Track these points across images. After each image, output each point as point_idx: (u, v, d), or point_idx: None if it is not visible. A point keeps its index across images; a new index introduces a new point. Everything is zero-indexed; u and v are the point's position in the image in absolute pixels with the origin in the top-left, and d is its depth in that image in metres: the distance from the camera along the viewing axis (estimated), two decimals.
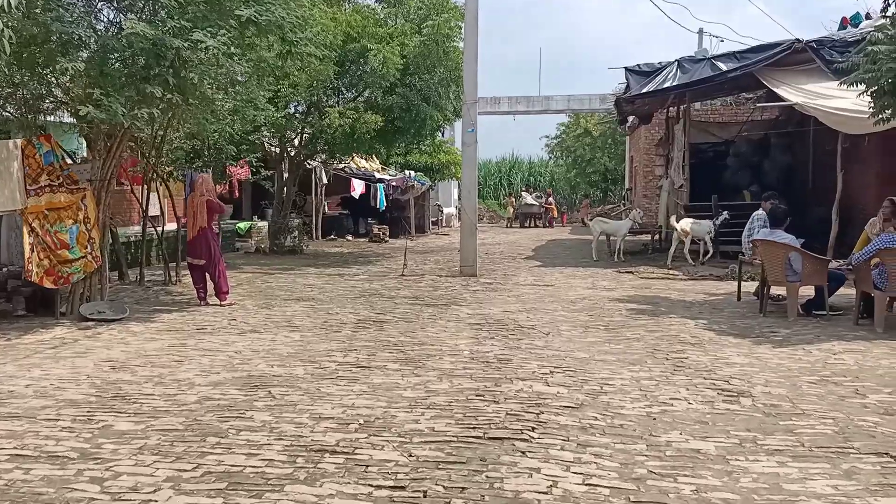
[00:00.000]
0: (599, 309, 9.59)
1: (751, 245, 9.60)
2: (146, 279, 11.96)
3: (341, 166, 22.34)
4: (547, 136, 51.39)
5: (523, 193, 34.24)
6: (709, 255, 14.68)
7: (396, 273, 13.65)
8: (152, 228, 12.92)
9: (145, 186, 12.44)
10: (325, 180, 22.46)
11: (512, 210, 33.76)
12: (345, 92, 17.07)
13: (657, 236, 18.82)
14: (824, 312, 8.57)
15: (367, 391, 5.47)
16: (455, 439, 4.38)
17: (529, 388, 5.55)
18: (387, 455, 4.12)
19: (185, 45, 8.46)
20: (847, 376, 5.92)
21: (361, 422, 4.72)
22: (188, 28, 8.61)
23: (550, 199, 33.92)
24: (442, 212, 30.60)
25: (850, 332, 7.73)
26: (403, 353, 6.76)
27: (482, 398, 5.25)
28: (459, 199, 19.17)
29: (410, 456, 4.11)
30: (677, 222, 14.75)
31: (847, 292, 9.23)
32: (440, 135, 24.14)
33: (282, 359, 6.59)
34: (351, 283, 12.21)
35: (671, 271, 13.74)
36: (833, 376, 5.93)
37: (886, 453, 4.12)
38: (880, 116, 8.50)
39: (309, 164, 20.21)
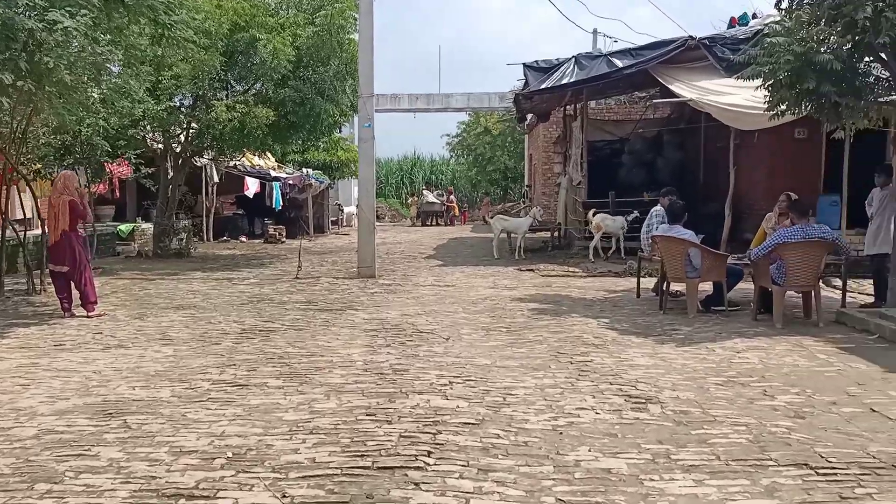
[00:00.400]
0: (501, 310, 9.22)
1: (650, 241, 9.48)
2: (6, 289, 10.66)
3: (233, 164, 21.17)
4: (448, 135, 51.30)
5: (424, 192, 33.86)
6: (612, 251, 14.71)
7: (290, 276, 12.86)
8: (14, 232, 11.57)
9: (5, 186, 11.10)
10: (216, 179, 21.19)
11: (415, 209, 33.33)
12: (234, 85, 16.04)
13: (557, 233, 18.81)
14: (723, 308, 8.52)
15: (241, 415, 4.79)
16: (339, 472, 3.80)
17: (426, 402, 5.03)
18: (256, 498, 3.49)
19: (40, 25, 7.51)
20: (753, 376, 5.75)
21: (230, 455, 4.05)
22: (43, 7, 7.64)
23: (452, 197, 33.66)
24: (342, 211, 29.76)
25: (749, 329, 7.67)
26: (289, 367, 6.10)
27: (373, 418, 4.69)
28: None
29: (284, 497, 3.49)
30: (593, 217, 14.73)
31: (744, 287, 9.27)
32: (339, 131, 23.37)
33: (147, 379, 5.78)
34: (239, 289, 11.35)
35: (571, 268, 13.61)
36: (739, 377, 5.74)
37: (805, 464, 3.86)
38: (777, 110, 8.51)
39: (197, 161, 18.99)
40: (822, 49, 7.30)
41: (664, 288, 9.07)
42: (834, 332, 7.34)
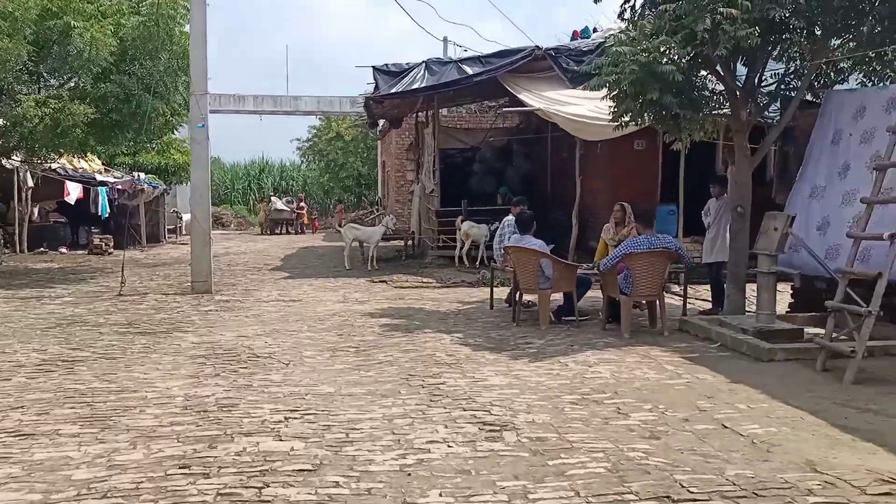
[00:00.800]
0: (350, 327, 8.62)
1: (502, 251, 9.27)
2: None
3: (53, 167, 18.99)
4: (298, 139, 49.92)
5: (273, 198, 32.42)
6: (479, 260, 14.52)
7: (113, 293, 11.51)
8: None
9: None
10: (30, 183, 18.92)
11: (264, 215, 31.78)
12: (47, 77, 14.31)
13: (411, 242, 18.46)
14: (574, 318, 8.44)
15: (17, 476, 3.88)
16: None
17: (255, 446, 4.35)
18: None
19: None
20: (606, 392, 5.55)
21: None
22: None
23: (302, 204, 32.49)
24: (180, 219, 27.73)
25: (599, 339, 7.59)
26: (91, 408, 5.16)
27: (187, 471, 3.95)
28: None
29: None
30: (461, 224, 14.43)
31: (592, 295, 9.28)
32: (176, 132, 21.70)
33: None
34: (49, 309, 9.94)
35: (425, 279, 13.26)
36: (593, 393, 5.53)
37: (667, 496, 3.59)
38: (620, 121, 8.56)
39: (7, 163, 16.82)
40: (664, 60, 7.36)
41: (517, 299, 8.87)
42: (678, 341, 7.40)
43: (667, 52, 7.45)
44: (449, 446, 4.36)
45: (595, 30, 16.69)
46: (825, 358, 5.96)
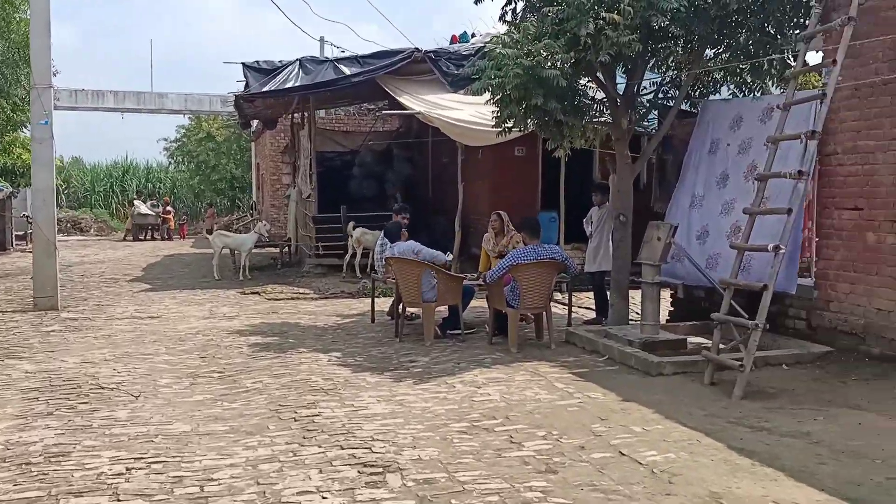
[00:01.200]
0: (216, 347, 7.82)
1: (384, 262, 8.75)
2: None
3: None
4: (166, 139, 47.25)
5: (136, 202, 30.19)
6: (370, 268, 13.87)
7: None
8: None
9: None
10: None
11: (130, 220, 29.45)
12: None
13: (287, 249, 17.56)
14: (459, 332, 8.05)
15: None
16: None
17: None
18: None
19: None
20: (497, 417, 5.17)
21: None
22: None
23: (169, 208, 30.49)
24: (32, 224, 25.21)
25: (486, 355, 7.24)
26: None
27: None
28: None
29: None
30: (353, 231, 13.69)
31: (476, 305, 8.95)
32: (25, 130, 19.65)
33: None
34: None
35: (301, 290, 12.51)
36: (483, 419, 5.13)
37: None
38: (503, 126, 8.28)
39: None
40: (548, 65, 7.12)
41: (399, 311, 8.38)
42: (566, 355, 7.17)
43: (549, 56, 7.22)
44: (324, 497, 3.80)
45: (474, 35, 16.54)
46: (713, 371, 5.87)
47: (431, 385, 6.10)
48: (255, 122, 23.14)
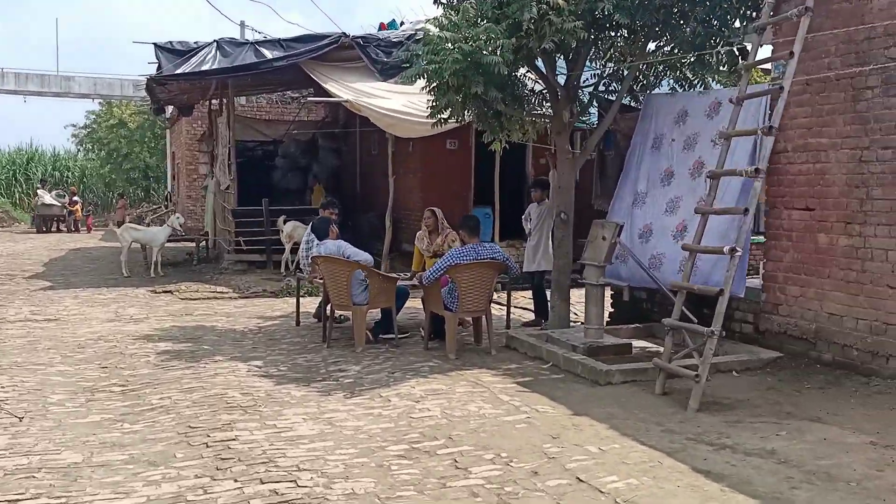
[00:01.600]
0: (119, 356, 7.00)
1: (310, 260, 8.08)
2: None
3: None
4: (74, 125, 44.72)
5: (40, 191, 28.16)
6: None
7: None
8: None
9: None
10: None
11: (34, 211, 27.35)
12: None
13: (203, 244, 16.53)
14: (393, 336, 7.50)
15: None
16: None
17: None
18: None
19: None
20: (439, 438, 4.65)
21: None
22: None
23: (76, 198, 28.56)
24: None
25: (423, 362, 6.71)
26: None
27: None
28: None
29: None
30: (284, 225, 12.83)
31: (410, 305, 8.42)
32: None
33: None
34: None
35: (219, 288, 11.66)
36: (424, 440, 4.60)
37: None
38: (439, 117, 7.75)
39: None
40: (489, 49, 6.63)
41: (327, 313, 7.75)
42: (507, 362, 6.71)
43: (490, 41, 6.72)
44: None
45: (402, 23, 15.93)
46: (664, 380, 5.53)
47: (364, 399, 5.53)
48: (170, 109, 21.89)
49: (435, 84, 7.17)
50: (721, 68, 7.20)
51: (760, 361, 6.12)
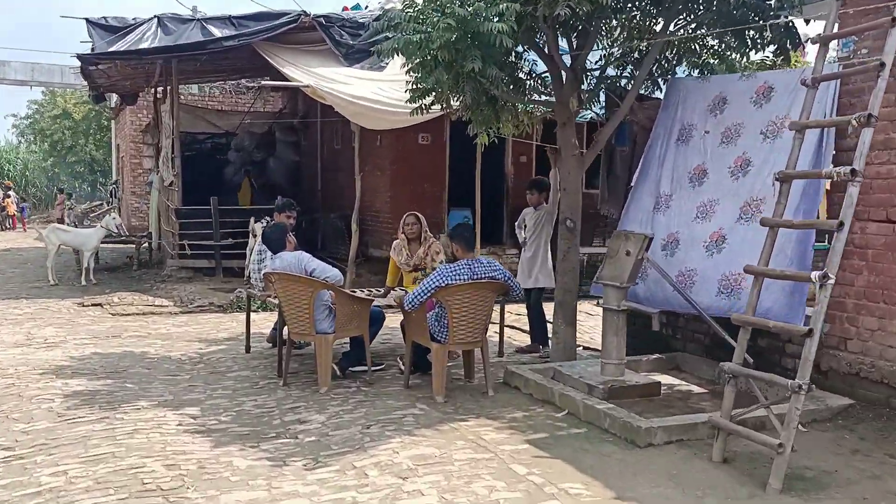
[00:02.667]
0: (15, 399, 5.49)
1: (262, 277, 6.61)
2: None
3: None
4: (15, 115, 42.21)
5: None
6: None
7: None
8: None
9: None
10: None
11: None
12: None
13: (146, 246, 14.86)
14: (365, 369, 6.11)
15: None
16: None
17: None
18: None
19: None
20: None
21: None
22: None
23: (11, 193, 26.39)
24: None
25: (405, 408, 5.33)
26: None
27: None
28: None
29: None
30: (255, 225, 11.27)
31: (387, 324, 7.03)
32: None
33: None
34: None
35: (159, 300, 10.09)
36: None
37: None
38: (421, 102, 6.40)
39: None
40: (491, 14, 5.27)
41: (284, 338, 6.31)
42: (510, 407, 5.38)
43: (491, 5, 5.37)
44: None
45: (367, 7, 14.48)
46: (724, 444, 4.27)
47: (331, 472, 4.13)
48: (115, 98, 20.06)
49: (419, 60, 5.80)
50: (767, 46, 5.96)
51: (829, 411, 4.92)
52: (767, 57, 7.02)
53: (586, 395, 5.33)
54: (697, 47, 6.64)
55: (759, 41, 5.90)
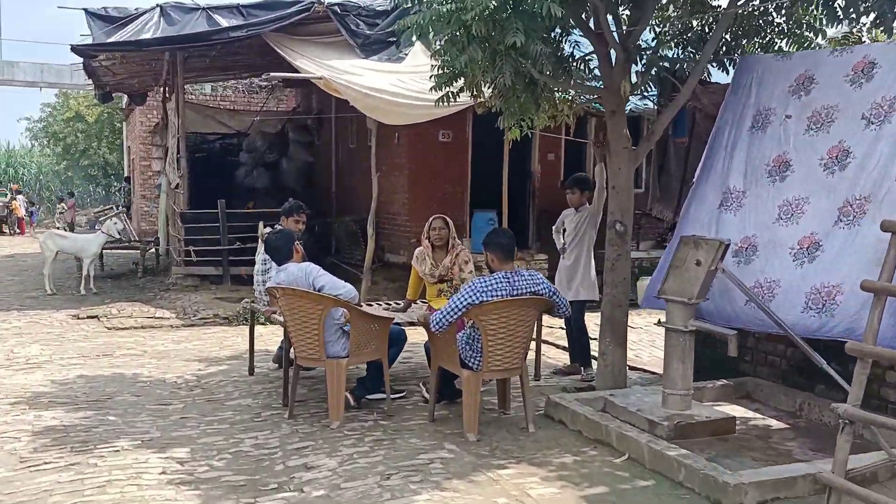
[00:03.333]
0: None
1: (265, 291, 5.76)
2: None
3: None
4: (28, 118, 41.93)
5: None
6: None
7: None
8: None
9: None
10: None
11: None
12: None
13: (155, 251, 14.14)
14: (383, 397, 5.26)
15: None
16: None
17: None
18: None
19: None
20: None
21: None
22: None
23: (20, 197, 25.87)
24: None
25: (432, 448, 4.47)
26: None
27: None
28: None
29: None
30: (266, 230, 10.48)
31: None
32: None
33: None
34: None
35: (160, 311, 9.31)
36: None
37: None
38: (448, 90, 5.55)
39: None
40: None
41: (290, 362, 5.47)
42: (556, 447, 4.50)
43: None
44: None
45: None
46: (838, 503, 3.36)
47: None
48: (127, 98, 19.43)
49: (447, 37, 4.95)
50: (862, 17, 5.03)
51: None
52: (850, 32, 6.09)
53: (647, 432, 4.44)
54: (763, 23, 5.76)
55: (852, 11, 4.97)
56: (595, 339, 6.02)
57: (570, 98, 6.54)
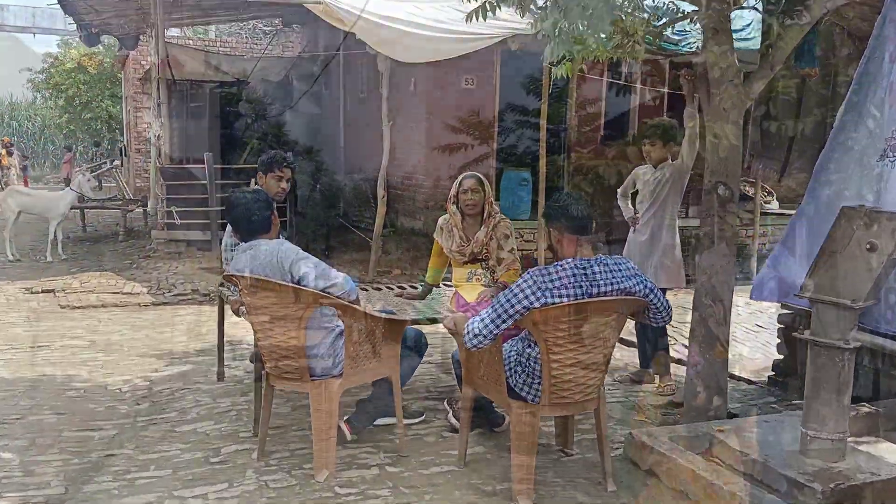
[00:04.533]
0: None
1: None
2: None
3: None
4: (30, 69, 40.33)
5: None
6: None
7: None
8: None
9: None
10: None
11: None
12: None
13: (140, 210, 12.66)
14: (392, 422, 3.76)
15: None
16: None
17: None
18: None
19: None
20: None
21: None
22: None
23: (13, 150, 24.43)
24: None
25: (464, 499, 2.98)
26: None
27: None
28: None
29: None
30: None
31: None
32: None
33: None
34: None
35: (130, 285, 7.85)
36: None
37: None
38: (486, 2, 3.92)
39: None
40: None
41: (261, 377, 3.95)
42: None
43: None
44: None
45: None
46: None
47: None
48: (120, 42, 17.80)
49: None
50: None
51: None
52: None
53: (786, 496, 2.93)
54: None
55: None
56: (673, 340, 4.49)
57: (647, 16, 4.87)
